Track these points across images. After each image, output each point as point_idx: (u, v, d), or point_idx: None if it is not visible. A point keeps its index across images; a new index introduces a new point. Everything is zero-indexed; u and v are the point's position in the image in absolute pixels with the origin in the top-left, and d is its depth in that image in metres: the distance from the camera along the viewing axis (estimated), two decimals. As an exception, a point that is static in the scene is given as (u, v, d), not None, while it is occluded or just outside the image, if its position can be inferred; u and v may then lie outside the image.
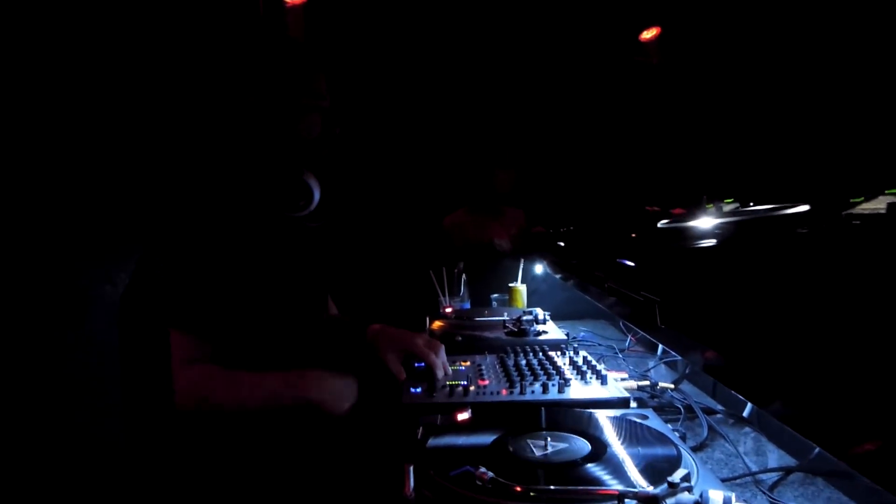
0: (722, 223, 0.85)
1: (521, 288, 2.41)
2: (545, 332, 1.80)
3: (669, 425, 1.08)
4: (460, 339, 1.73)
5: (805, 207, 0.80)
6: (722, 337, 0.75)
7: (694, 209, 1.03)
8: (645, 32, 2.57)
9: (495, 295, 2.51)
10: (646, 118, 2.42)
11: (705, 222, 0.89)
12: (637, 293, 1.03)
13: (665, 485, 0.71)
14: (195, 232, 1.23)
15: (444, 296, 2.33)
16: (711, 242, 0.83)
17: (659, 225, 1.11)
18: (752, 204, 0.98)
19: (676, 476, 0.72)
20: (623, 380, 1.45)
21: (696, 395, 1.51)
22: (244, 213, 1.30)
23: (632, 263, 1.11)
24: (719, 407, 1.41)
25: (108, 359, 0.74)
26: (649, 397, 1.44)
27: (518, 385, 1.27)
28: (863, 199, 0.92)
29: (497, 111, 3.15)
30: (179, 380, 1.14)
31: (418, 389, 1.28)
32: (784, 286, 0.65)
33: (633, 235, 1.25)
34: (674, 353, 1.64)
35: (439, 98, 3.09)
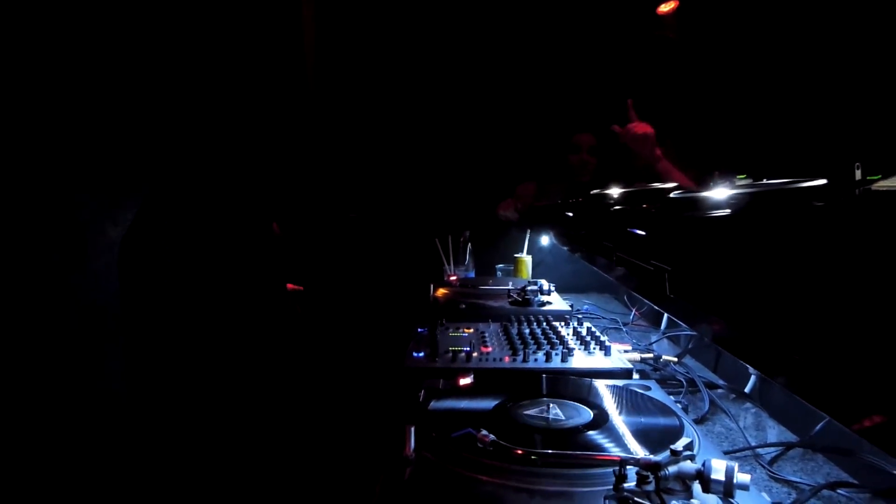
0: (736, 193, 0.84)
1: (526, 259, 2.40)
2: (549, 302, 1.80)
3: (672, 397, 1.08)
4: (464, 306, 1.73)
5: (822, 181, 0.78)
6: (732, 307, 0.74)
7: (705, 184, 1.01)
8: (663, 6, 2.53)
9: (500, 265, 2.51)
10: (663, 93, 2.39)
11: (719, 193, 0.87)
12: (647, 263, 1.02)
13: (667, 452, 0.71)
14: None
15: (448, 264, 2.33)
16: (725, 212, 0.82)
17: (672, 195, 1.10)
18: (764, 180, 0.96)
19: (679, 444, 0.72)
20: (626, 352, 1.45)
21: (699, 370, 1.50)
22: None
23: (642, 232, 1.10)
24: (721, 382, 1.41)
25: (109, 303, 0.74)
26: (652, 370, 1.44)
27: (521, 353, 1.27)
28: (879, 176, 0.90)
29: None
30: None
31: (421, 354, 1.27)
32: (798, 257, 0.64)
33: (645, 206, 1.23)
34: (681, 323, 1.64)
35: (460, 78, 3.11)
